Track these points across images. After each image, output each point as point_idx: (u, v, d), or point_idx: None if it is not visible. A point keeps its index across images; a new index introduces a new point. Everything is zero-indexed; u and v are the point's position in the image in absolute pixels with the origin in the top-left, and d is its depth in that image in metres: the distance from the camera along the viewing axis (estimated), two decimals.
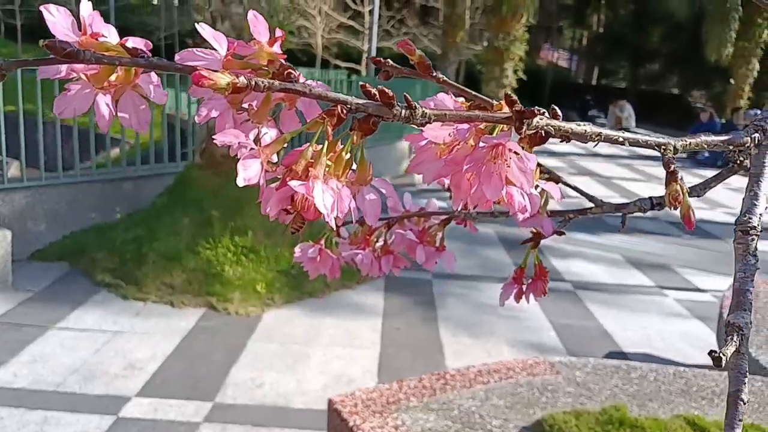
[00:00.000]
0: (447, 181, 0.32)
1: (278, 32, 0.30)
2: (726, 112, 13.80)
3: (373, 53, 15.85)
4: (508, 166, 0.29)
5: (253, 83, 0.26)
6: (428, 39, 19.60)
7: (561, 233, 0.52)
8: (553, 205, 0.55)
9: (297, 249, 0.58)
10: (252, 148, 0.28)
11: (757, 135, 0.33)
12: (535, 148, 0.33)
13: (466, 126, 0.30)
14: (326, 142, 0.28)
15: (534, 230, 0.52)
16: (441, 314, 3.77)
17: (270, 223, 4.37)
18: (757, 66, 13.71)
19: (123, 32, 0.30)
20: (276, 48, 0.30)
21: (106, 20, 0.29)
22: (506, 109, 0.30)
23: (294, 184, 0.27)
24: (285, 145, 0.29)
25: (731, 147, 0.33)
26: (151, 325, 3.36)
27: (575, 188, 0.52)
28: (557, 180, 0.54)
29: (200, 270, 3.84)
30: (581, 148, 12.78)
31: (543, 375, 2.37)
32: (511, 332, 3.58)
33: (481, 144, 0.29)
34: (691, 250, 5.69)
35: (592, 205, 0.52)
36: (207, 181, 4.49)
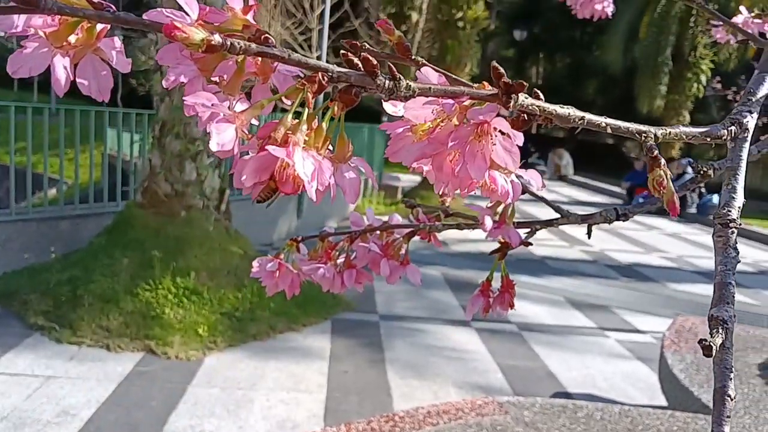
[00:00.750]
0: (425, 167, 0.31)
1: (251, 0, 0.29)
2: None
3: (321, 97, 16.00)
4: (494, 145, 0.28)
5: (228, 43, 0.24)
6: None
7: (528, 244, 0.51)
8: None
9: (255, 263, 0.55)
10: (225, 113, 0.26)
11: (733, 128, 0.33)
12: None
13: (451, 101, 0.28)
14: (306, 111, 0.26)
15: (501, 240, 0.51)
16: (389, 356, 3.72)
17: (213, 264, 4.26)
18: (688, 117, 14.53)
19: None
20: (249, 17, 0.28)
21: None
22: (489, 87, 0.29)
23: (272, 148, 0.24)
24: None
25: (708, 138, 0.33)
26: (86, 370, 3.17)
27: (545, 200, 0.51)
28: (524, 190, 0.54)
29: (139, 312, 3.68)
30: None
31: (492, 415, 2.34)
32: (458, 373, 3.55)
33: (468, 118, 0.28)
34: (629, 292, 5.86)
35: (558, 215, 0.51)
36: (148, 220, 4.35)
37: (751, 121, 0.34)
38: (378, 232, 0.58)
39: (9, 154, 4.53)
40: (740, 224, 0.33)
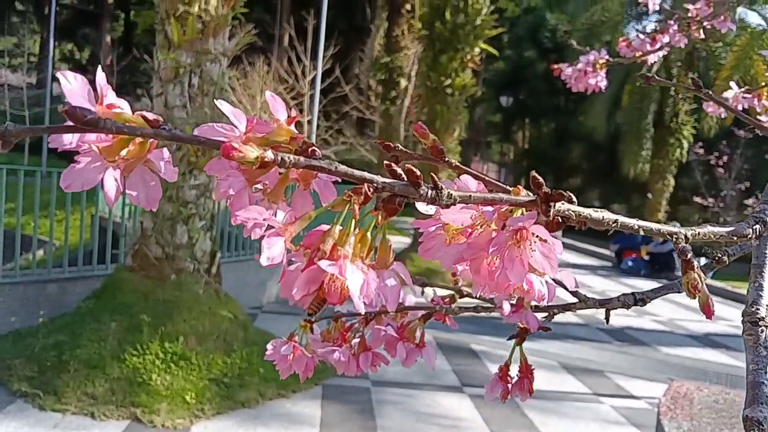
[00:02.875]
0: (459, 267, 0.31)
1: (293, 112, 0.29)
2: None
3: None
4: (533, 251, 0.28)
5: (280, 158, 0.25)
6: (365, 149, 20.31)
7: (546, 329, 0.51)
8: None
9: (269, 346, 0.54)
10: (273, 227, 0.26)
11: (758, 227, 0.34)
12: None
13: (491, 208, 0.29)
14: (352, 222, 0.27)
15: (520, 325, 0.51)
16: (380, 423, 3.63)
17: (203, 328, 4.19)
18: (673, 181, 14.79)
19: None
20: (293, 127, 0.29)
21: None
22: (524, 193, 0.30)
23: (324, 264, 0.25)
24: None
25: (734, 237, 0.34)
26: None
27: (560, 283, 0.52)
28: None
29: (125, 379, 3.58)
30: None
31: None
32: None
33: (507, 226, 0.28)
34: (622, 356, 5.80)
35: (576, 300, 0.51)
36: (138, 284, 4.29)
37: None
38: (393, 313, 0.58)
39: None
40: None
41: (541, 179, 0.28)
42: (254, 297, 6.16)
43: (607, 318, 0.51)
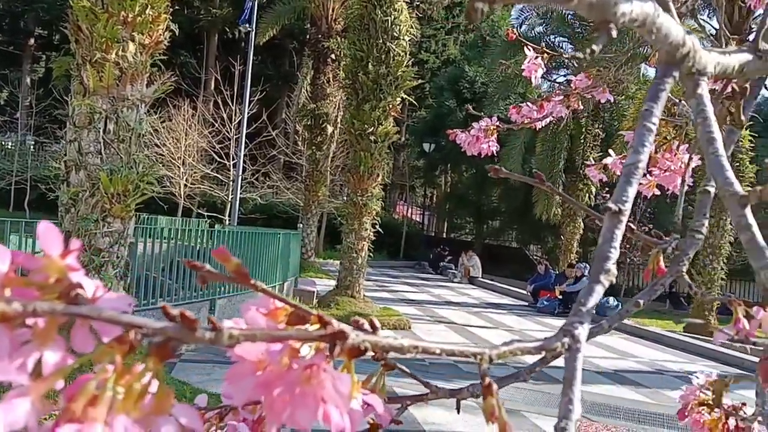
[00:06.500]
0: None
1: (75, 243, 0.28)
2: (560, 264, 15.27)
3: (237, 204, 15.95)
4: (323, 388, 0.28)
5: (30, 309, 0.23)
6: (291, 192, 20.20)
7: (398, 422, 0.50)
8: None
9: None
10: (22, 384, 0.24)
11: (566, 340, 0.34)
12: (396, 289, 0.32)
13: (279, 346, 0.28)
14: (114, 373, 0.25)
15: (370, 421, 0.49)
16: None
17: None
18: (582, 224, 15.59)
19: None
20: (70, 260, 0.27)
21: None
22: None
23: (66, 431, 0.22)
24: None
25: (543, 353, 0.35)
26: None
27: (411, 375, 0.51)
28: (393, 367, 0.54)
29: None
30: (435, 296, 13.30)
31: None
32: None
33: (294, 366, 0.28)
34: (539, 394, 5.91)
35: (427, 391, 0.51)
36: None
37: (582, 332, 0.35)
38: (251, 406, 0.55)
39: None
40: None
41: (327, 318, 0.28)
42: None
43: (458, 408, 0.51)
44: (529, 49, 1.24)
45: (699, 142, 0.43)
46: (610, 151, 1.35)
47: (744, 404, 0.70)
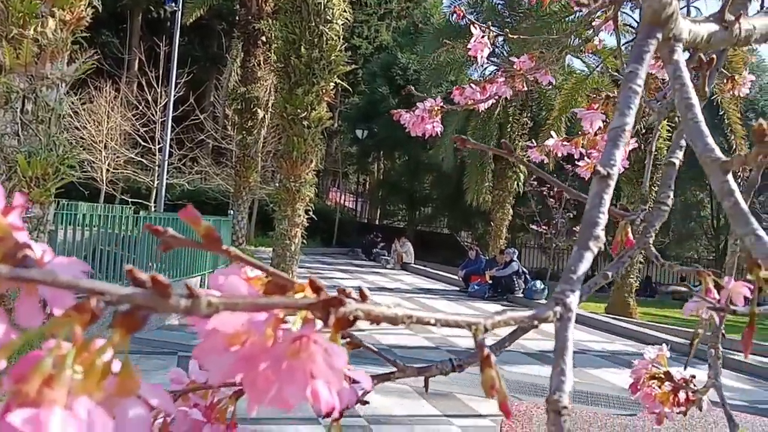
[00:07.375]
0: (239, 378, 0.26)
1: (19, 198, 0.23)
2: (489, 250, 15.64)
3: (163, 190, 15.40)
4: (314, 362, 0.25)
5: None
6: (221, 177, 19.68)
7: (365, 402, 0.48)
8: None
9: None
10: None
11: (559, 308, 0.33)
12: (330, 276, 0.29)
13: (263, 315, 0.25)
14: (74, 347, 0.21)
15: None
16: None
17: None
18: (511, 210, 16.04)
19: None
20: (13, 218, 0.22)
21: None
22: (309, 292, 0.26)
23: (16, 418, 0.18)
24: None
25: (536, 322, 0.33)
26: None
27: (378, 353, 0.49)
28: (358, 345, 0.51)
29: None
30: (368, 283, 13.34)
31: None
32: None
33: (281, 338, 0.24)
34: (469, 376, 6.05)
35: (395, 369, 0.49)
36: None
37: (574, 300, 0.34)
38: (202, 391, 0.51)
39: None
40: (572, 412, 0.32)
41: (319, 283, 0.25)
42: None
43: (426, 386, 0.49)
44: (476, 28, 1.23)
45: (677, 108, 0.42)
46: (552, 133, 1.37)
47: (693, 377, 0.72)
